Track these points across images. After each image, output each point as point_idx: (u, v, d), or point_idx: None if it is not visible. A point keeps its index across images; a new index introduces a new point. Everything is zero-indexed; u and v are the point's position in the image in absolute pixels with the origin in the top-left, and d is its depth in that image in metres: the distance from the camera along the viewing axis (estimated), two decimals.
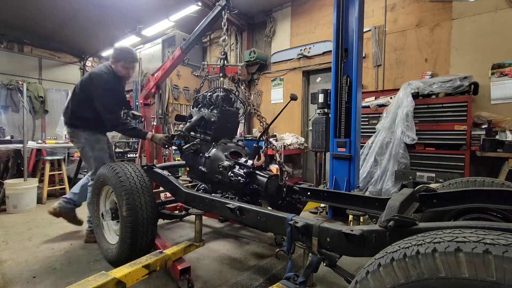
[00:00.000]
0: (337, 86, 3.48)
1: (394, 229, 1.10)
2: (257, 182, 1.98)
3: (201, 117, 2.56)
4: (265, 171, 2.07)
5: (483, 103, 3.88)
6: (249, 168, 2.02)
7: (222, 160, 2.26)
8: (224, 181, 2.19)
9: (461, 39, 4.14)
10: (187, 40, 3.37)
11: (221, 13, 2.99)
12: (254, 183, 2.00)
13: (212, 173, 2.29)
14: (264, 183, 1.93)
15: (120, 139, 7.24)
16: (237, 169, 2.12)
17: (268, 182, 1.93)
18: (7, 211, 3.94)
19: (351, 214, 2.07)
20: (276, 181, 1.97)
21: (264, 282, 2.14)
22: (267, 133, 2.33)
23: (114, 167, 2.22)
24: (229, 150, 2.38)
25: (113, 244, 2.27)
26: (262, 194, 1.97)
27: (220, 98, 2.59)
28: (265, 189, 1.93)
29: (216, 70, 3.38)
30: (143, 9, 6.39)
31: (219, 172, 2.21)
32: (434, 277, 0.74)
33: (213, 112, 2.59)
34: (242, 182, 1.98)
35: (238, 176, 2.04)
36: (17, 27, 7.85)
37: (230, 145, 2.50)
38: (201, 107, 2.83)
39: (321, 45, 5.72)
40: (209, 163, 2.34)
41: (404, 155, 3.75)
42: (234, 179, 2.03)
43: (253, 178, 2.01)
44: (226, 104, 2.62)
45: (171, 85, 6.79)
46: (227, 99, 2.65)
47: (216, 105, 2.59)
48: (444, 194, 1.69)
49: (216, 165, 2.25)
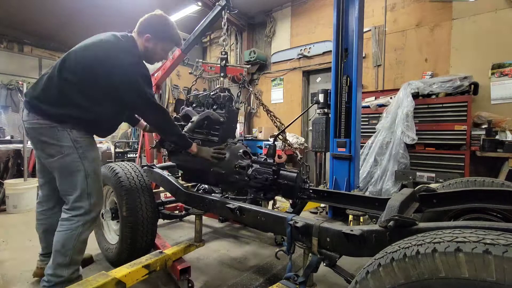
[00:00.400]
0: (337, 86, 3.48)
1: (394, 229, 1.10)
2: (286, 177, 2.07)
3: (206, 117, 2.55)
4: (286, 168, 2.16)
5: (483, 103, 3.88)
6: (274, 165, 2.10)
7: (238, 160, 2.29)
8: (241, 180, 2.22)
9: (461, 39, 4.14)
10: (187, 40, 3.37)
11: (221, 13, 2.99)
12: (281, 179, 2.09)
13: (228, 174, 2.32)
14: (294, 178, 2.02)
15: (120, 139, 7.23)
16: (259, 167, 2.17)
17: (297, 177, 2.03)
18: (7, 211, 3.93)
19: (351, 214, 2.07)
20: (300, 175, 2.08)
21: (264, 282, 2.14)
22: (284, 132, 2.40)
23: (114, 167, 2.22)
24: (240, 150, 2.41)
25: (113, 244, 2.27)
26: (291, 189, 2.06)
27: (226, 98, 2.60)
28: (294, 183, 2.03)
29: (214, 69, 3.36)
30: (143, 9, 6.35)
31: (237, 172, 2.24)
32: (434, 277, 0.74)
33: (219, 112, 2.59)
34: (270, 179, 2.05)
35: (264, 173, 2.10)
36: (17, 27, 7.85)
37: (238, 145, 2.52)
38: (195, 107, 2.81)
39: (321, 45, 5.72)
40: (226, 164, 2.35)
41: (404, 155, 3.75)
42: (261, 177, 2.10)
43: (279, 175, 2.10)
44: (230, 104, 2.63)
45: (171, 85, 6.80)
46: (231, 99, 2.66)
47: (221, 105, 2.59)
48: (444, 194, 1.69)
49: (233, 166, 2.27)
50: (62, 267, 1.71)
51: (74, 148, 1.70)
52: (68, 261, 1.71)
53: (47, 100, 1.68)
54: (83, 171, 1.72)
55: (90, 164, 1.76)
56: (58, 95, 1.67)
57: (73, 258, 1.73)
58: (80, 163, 1.72)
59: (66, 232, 1.70)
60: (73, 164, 1.70)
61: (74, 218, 1.71)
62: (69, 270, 1.72)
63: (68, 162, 1.70)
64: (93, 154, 1.80)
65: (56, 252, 1.70)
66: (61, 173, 1.73)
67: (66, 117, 1.68)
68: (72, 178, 1.71)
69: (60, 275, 1.70)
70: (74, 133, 1.71)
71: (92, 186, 1.75)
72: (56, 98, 1.67)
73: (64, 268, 1.71)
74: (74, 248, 1.71)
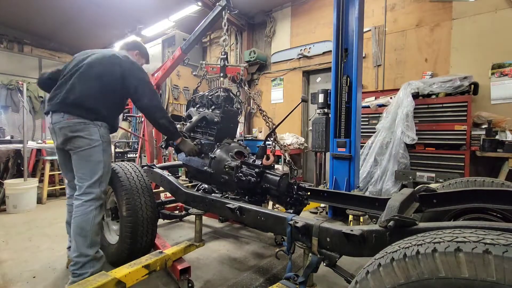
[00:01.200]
0: (337, 86, 3.48)
1: (394, 229, 1.11)
2: (269, 181, 2.01)
3: (203, 117, 2.56)
4: (274, 170, 2.09)
5: (483, 103, 3.88)
6: (259, 167, 2.04)
7: (227, 160, 2.27)
8: (230, 181, 2.20)
9: (461, 39, 4.14)
10: (187, 40, 3.37)
11: (221, 13, 2.99)
12: (265, 182, 2.03)
13: (218, 174, 2.30)
14: (277, 181, 1.96)
15: (120, 139, 7.24)
16: (245, 169, 2.13)
17: (280, 181, 1.96)
18: (7, 211, 3.94)
19: (351, 214, 2.07)
20: (286, 179, 2.01)
21: (264, 282, 2.14)
22: (275, 133, 2.36)
23: (114, 167, 2.22)
24: (234, 150, 2.38)
25: (113, 244, 2.27)
26: (273, 193, 2.00)
27: (222, 98, 2.59)
28: (277, 187, 1.96)
29: (215, 70, 3.37)
30: (143, 9, 6.40)
31: (226, 172, 2.22)
32: (434, 277, 0.74)
33: (215, 112, 2.58)
34: (253, 181, 2.01)
35: (248, 175, 2.06)
36: (17, 27, 7.86)
37: (233, 145, 2.50)
38: (199, 107, 2.82)
39: (321, 45, 5.72)
40: (215, 164, 2.34)
41: (404, 155, 3.75)
42: (244, 179, 2.05)
43: (264, 177, 2.04)
44: (228, 104, 2.63)
45: (171, 85, 6.79)
46: (229, 99, 2.66)
47: (218, 105, 2.59)
48: (444, 194, 1.69)
49: (222, 166, 2.26)
50: (86, 248, 1.88)
51: (101, 142, 2.00)
52: (89, 242, 1.90)
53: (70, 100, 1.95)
54: (102, 162, 2.00)
55: (108, 157, 2.06)
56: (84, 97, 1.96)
57: (93, 239, 1.92)
58: (102, 155, 2.01)
59: (83, 217, 1.91)
60: (97, 154, 1.99)
61: (87, 203, 1.93)
62: (93, 250, 1.91)
63: (94, 152, 1.98)
64: (110, 149, 2.12)
65: (77, 236, 1.89)
66: (86, 161, 1.97)
67: (98, 117, 2.01)
68: (93, 166, 1.97)
69: (86, 254, 1.87)
70: (101, 129, 2.02)
71: (105, 176, 2.02)
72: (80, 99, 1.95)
73: (88, 248, 1.89)
74: (92, 229, 1.91)
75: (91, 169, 1.96)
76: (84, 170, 1.97)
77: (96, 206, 1.94)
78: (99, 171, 1.97)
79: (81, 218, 1.90)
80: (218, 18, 3.09)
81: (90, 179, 1.95)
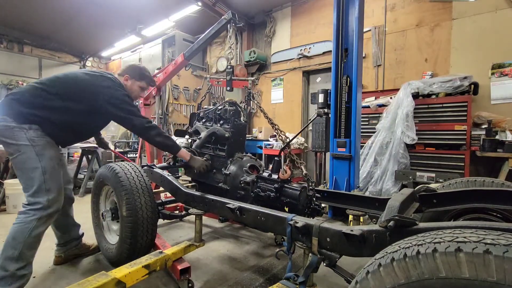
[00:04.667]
0: (337, 86, 3.48)
1: (394, 229, 1.10)
2: (289, 195, 2.01)
3: (212, 133, 2.55)
4: (291, 184, 2.08)
5: (483, 103, 3.88)
6: (278, 182, 2.04)
7: (243, 176, 2.27)
8: (247, 196, 2.20)
9: (461, 39, 4.14)
10: (191, 48, 3.37)
11: (226, 26, 3.00)
12: (284, 197, 2.02)
13: (234, 190, 2.31)
14: (297, 195, 1.96)
15: (120, 139, 7.24)
16: (262, 184, 2.13)
17: (300, 194, 1.96)
18: (7, 211, 3.93)
19: (351, 214, 2.07)
20: (305, 192, 2.00)
21: (264, 282, 2.13)
22: (289, 146, 2.38)
23: (114, 167, 2.22)
24: (247, 165, 2.39)
25: (113, 244, 2.27)
26: (294, 207, 1.99)
27: (231, 112, 2.59)
28: (297, 201, 1.95)
29: (221, 83, 3.40)
30: (143, 9, 6.40)
31: (242, 188, 2.23)
32: (435, 277, 0.74)
33: (224, 127, 2.58)
34: (273, 196, 2.00)
35: (267, 191, 2.05)
36: (17, 27, 7.86)
37: (245, 159, 2.50)
38: (205, 122, 2.81)
39: (321, 45, 5.72)
40: (230, 180, 2.34)
41: (404, 155, 3.75)
42: (263, 194, 2.04)
43: (283, 191, 2.03)
44: (236, 118, 2.62)
45: (171, 85, 6.80)
46: (237, 113, 2.65)
47: (227, 120, 2.59)
48: (444, 194, 1.69)
49: (238, 182, 2.26)
50: (9, 261, 1.70)
51: (31, 146, 1.80)
52: (17, 255, 1.71)
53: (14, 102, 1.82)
54: (40, 168, 1.80)
55: (48, 162, 1.84)
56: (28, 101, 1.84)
57: (23, 253, 1.73)
58: (37, 160, 1.81)
59: (20, 225, 1.74)
60: (30, 161, 1.79)
61: (30, 212, 1.77)
62: (16, 265, 1.71)
63: (26, 158, 1.79)
64: (48, 153, 1.87)
65: (6, 245, 1.72)
66: (20, 169, 1.82)
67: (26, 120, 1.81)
68: (29, 174, 1.80)
69: (5, 269, 1.69)
70: (30, 132, 1.81)
71: (50, 182, 1.83)
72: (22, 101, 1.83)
73: (12, 262, 1.70)
74: (25, 242, 1.73)
75: (28, 177, 1.79)
76: (22, 179, 1.82)
77: (39, 216, 1.76)
78: (36, 179, 1.78)
79: (17, 227, 1.74)
80: (223, 30, 3.11)
81: (30, 188, 1.79)
